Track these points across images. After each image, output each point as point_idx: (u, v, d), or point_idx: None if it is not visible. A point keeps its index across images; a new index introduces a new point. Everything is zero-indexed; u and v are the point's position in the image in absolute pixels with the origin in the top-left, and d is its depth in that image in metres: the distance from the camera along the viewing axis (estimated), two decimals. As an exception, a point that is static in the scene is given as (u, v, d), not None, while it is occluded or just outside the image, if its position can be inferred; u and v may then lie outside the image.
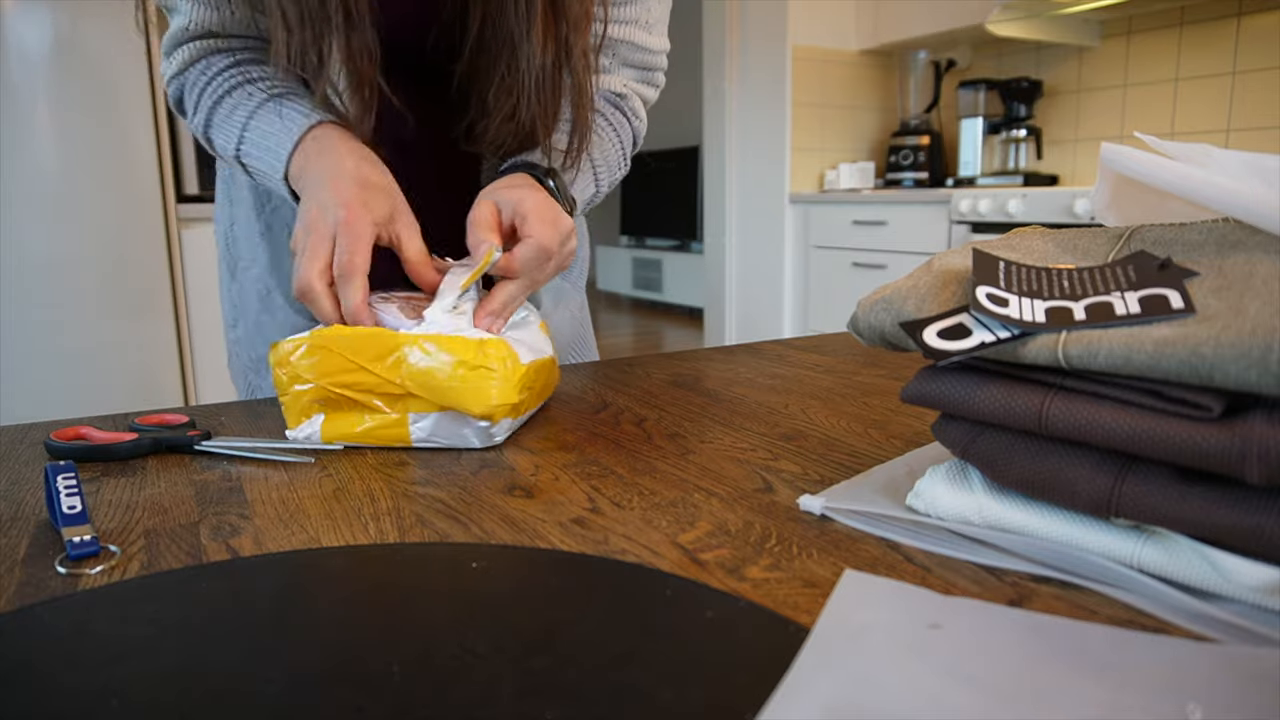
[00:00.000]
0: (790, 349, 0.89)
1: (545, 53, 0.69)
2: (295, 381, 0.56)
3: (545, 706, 0.27)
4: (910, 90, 3.62)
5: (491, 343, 0.56)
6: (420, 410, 0.55)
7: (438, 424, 0.55)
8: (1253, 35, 2.60)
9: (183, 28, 0.71)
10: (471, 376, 0.54)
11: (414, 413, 0.55)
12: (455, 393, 0.54)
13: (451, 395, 0.54)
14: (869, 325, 0.43)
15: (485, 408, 0.54)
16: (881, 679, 0.28)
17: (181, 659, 0.30)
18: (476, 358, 0.54)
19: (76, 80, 2.55)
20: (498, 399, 0.54)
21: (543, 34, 0.68)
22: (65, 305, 2.60)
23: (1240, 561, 0.32)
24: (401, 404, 0.55)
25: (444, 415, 0.55)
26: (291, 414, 0.57)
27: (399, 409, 0.55)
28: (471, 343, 0.55)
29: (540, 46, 0.69)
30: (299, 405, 0.56)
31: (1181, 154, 0.40)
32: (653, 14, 0.80)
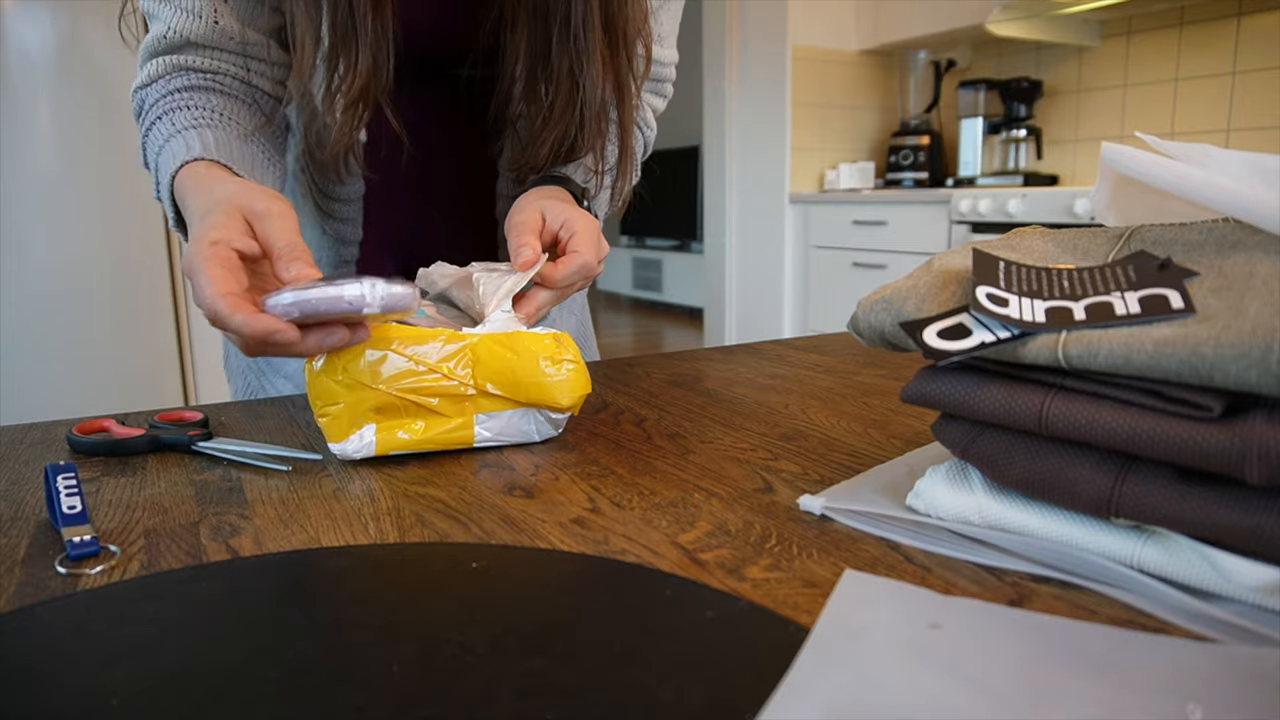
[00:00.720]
0: (790, 349, 0.89)
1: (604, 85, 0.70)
2: (353, 389, 0.52)
3: (545, 706, 0.27)
4: (910, 90, 3.62)
5: (561, 336, 0.56)
6: (489, 410, 0.55)
7: (507, 423, 0.55)
8: (1253, 35, 2.60)
9: (159, 35, 0.68)
10: (555, 370, 0.55)
11: (482, 413, 0.54)
12: (540, 388, 0.54)
13: (535, 391, 0.54)
14: (869, 325, 0.43)
15: (572, 399, 0.55)
16: (881, 679, 0.28)
17: (181, 659, 0.30)
18: (556, 351, 0.55)
19: (76, 80, 2.55)
20: (579, 389, 0.55)
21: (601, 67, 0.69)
22: (65, 305, 2.60)
23: (1240, 561, 0.32)
24: (468, 405, 0.54)
25: (514, 413, 0.55)
26: (340, 425, 0.52)
27: (465, 411, 0.54)
28: (545, 337, 0.56)
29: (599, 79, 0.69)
30: (353, 415, 0.52)
31: (1182, 154, 0.40)
32: (664, 27, 0.80)
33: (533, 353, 0.54)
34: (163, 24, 0.69)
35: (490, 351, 0.54)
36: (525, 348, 0.55)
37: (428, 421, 0.54)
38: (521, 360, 0.54)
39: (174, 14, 0.68)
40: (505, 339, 0.55)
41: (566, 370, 0.55)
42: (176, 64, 0.69)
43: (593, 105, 0.70)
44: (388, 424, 0.53)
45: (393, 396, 0.52)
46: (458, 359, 0.53)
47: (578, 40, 0.68)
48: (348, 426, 0.52)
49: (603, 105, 0.71)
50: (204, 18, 0.68)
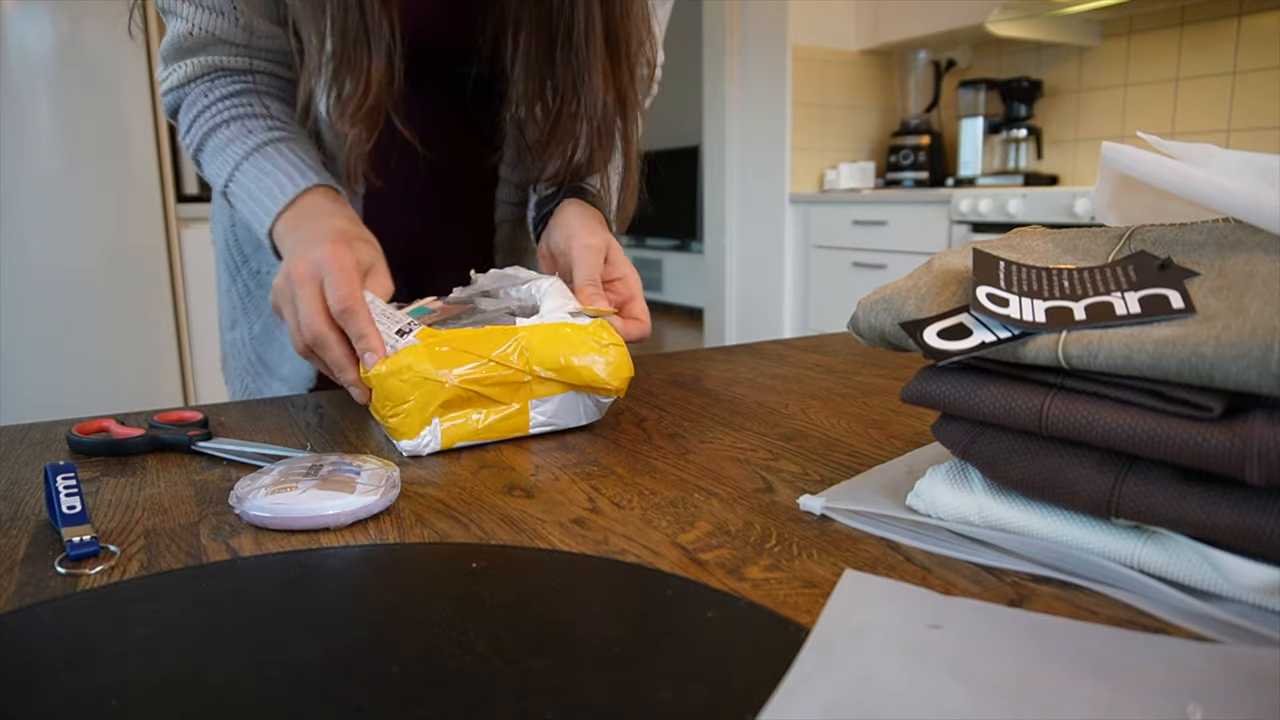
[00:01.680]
0: (790, 349, 0.89)
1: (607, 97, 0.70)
2: (420, 386, 0.54)
3: (545, 706, 0.27)
4: (910, 90, 3.62)
5: (602, 323, 0.60)
6: (543, 395, 0.58)
7: (560, 406, 0.58)
8: (1253, 35, 2.59)
9: (184, 33, 0.69)
10: (601, 351, 0.58)
11: (535, 399, 0.58)
12: (589, 371, 0.57)
13: (586, 374, 0.57)
14: (869, 325, 0.43)
15: (620, 380, 0.59)
16: (881, 679, 0.28)
17: (181, 659, 0.30)
18: (601, 337, 0.59)
19: (76, 80, 2.55)
20: (624, 371, 0.59)
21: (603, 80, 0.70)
22: (65, 305, 2.61)
23: (1240, 561, 0.32)
24: (523, 391, 0.57)
25: (565, 396, 0.58)
26: (411, 422, 0.54)
27: (519, 397, 0.57)
28: (589, 325, 0.59)
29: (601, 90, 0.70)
30: (425, 411, 0.54)
31: (1183, 154, 0.40)
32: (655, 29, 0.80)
33: (579, 338, 0.58)
34: (186, 22, 0.69)
35: (541, 339, 0.57)
36: (574, 334, 0.58)
37: (487, 410, 0.57)
38: (569, 346, 0.57)
39: (197, 11, 0.68)
40: (553, 328, 0.58)
41: (613, 354, 0.59)
42: (211, 65, 0.70)
43: (595, 117, 0.70)
44: (451, 416, 0.56)
45: (457, 389, 0.55)
46: (513, 348, 0.57)
47: (579, 52, 0.68)
48: (419, 424, 0.55)
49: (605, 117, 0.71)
50: (227, 15, 0.69)
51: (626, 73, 0.71)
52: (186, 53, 0.70)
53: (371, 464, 0.48)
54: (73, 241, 2.59)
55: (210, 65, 0.71)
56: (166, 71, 0.72)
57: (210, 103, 0.70)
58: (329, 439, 0.59)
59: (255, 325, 0.88)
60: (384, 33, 0.64)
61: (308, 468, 0.47)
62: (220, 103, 0.70)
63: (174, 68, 0.71)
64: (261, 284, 0.86)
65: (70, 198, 2.58)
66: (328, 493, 0.44)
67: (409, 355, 0.55)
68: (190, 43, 0.70)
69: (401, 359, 0.54)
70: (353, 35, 0.64)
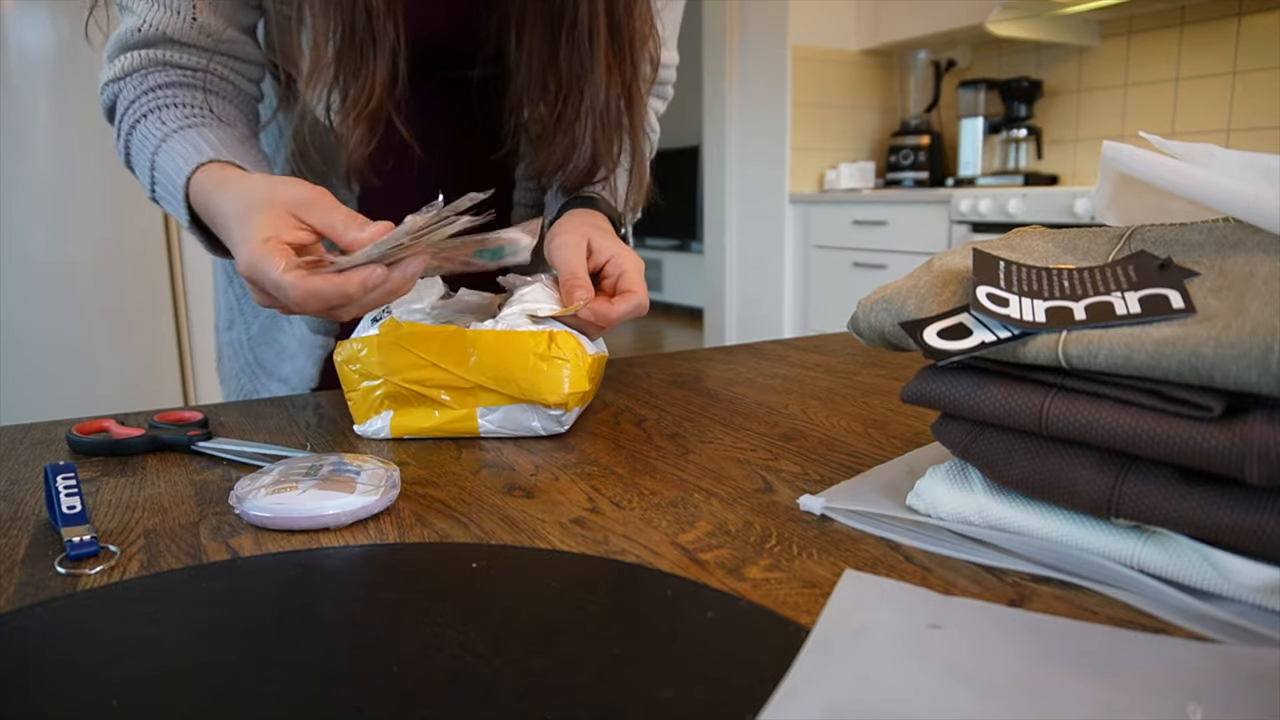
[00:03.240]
0: (790, 349, 0.89)
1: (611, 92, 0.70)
2: (365, 378, 0.57)
3: (545, 706, 0.27)
4: (910, 90, 3.62)
5: (560, 334, 0.58)
6: (490, 404, 0.57)
7: (506, 416, 0.58)
8: (1253, 35, 2.59)
9: (133, 29, 0.65)
10: (545, 367, 0.56)
11: (483, 406, 0.57)
12: (530, 384, 0.56)
13: (526, 386, 0.56)
14: (869, 325, 0.43)
15: (560, 396, 0.56)
16: (881, 679, 0.28)
17: (181, 659, 0.30)
18: (549, 349, 0.57)
19: (76, 80, 2.55)
20: (571, 387, 0.57)
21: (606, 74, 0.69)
22: (65, 305, 2.60)
23: (1240, 561, 0.32)
24: (470, 398, 0.57)
25: (513, 408, 0.57)
26: (359, 409, 0.58)
27: (467, 403, 0.57)
28: (542, 335, 0.57)
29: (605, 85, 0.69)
30: (367, 401, 0.58)
31: (1185, 153, 0.40)
32: (666, 29, 0.80)
33: (526, 349, 0.56)
34: (137, 18, 0.65)
35: (488, 347, 0.57)
36: (520, 344, 0.57)
37: (439, 410, 0.58)
38: (513, 356, 0.56)
39: (150, 8, 0.65)
40: (503, 336, 0.57)
41: (562, 369, 0.56)
42: (153, 59, 0.66)
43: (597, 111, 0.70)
44: (402, 411, 0.58)
45: (400, 387, 0.57)
46: (457, 354, 0.57)
47: (581, 47, 0.68)
48: (366, 410, 0.58)
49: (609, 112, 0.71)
50: (182, 14, 0.65)
51: (630, 67, 0.71)
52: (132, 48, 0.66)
53: (371, 464, 0.48)
54: (72, 241, 2.59)
55: (153, 59, 0.66)
56: (108, 67, 0.67)
57: (136, 96, 0.65)
58: (329, 439, 0.59)
59: (253, 326, 0.87)
60: (389, 36, 0.64)
61: (308, 468, 0.47)
62: (145, 95, 0.64)
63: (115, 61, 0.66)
64: None
65: (70, 198, 2.58)
66: (328, 493, 0.44)
67: (361, 346, 0.57)
68: (137, 39, 0.66)
69: (354, 347, 0.57)
70: (358, 38, 0.63)
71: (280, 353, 0.85)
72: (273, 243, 0.51)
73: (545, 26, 0.69)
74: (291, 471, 0.47)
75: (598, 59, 0.68)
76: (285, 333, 0.85)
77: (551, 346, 0.57)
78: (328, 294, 0.50)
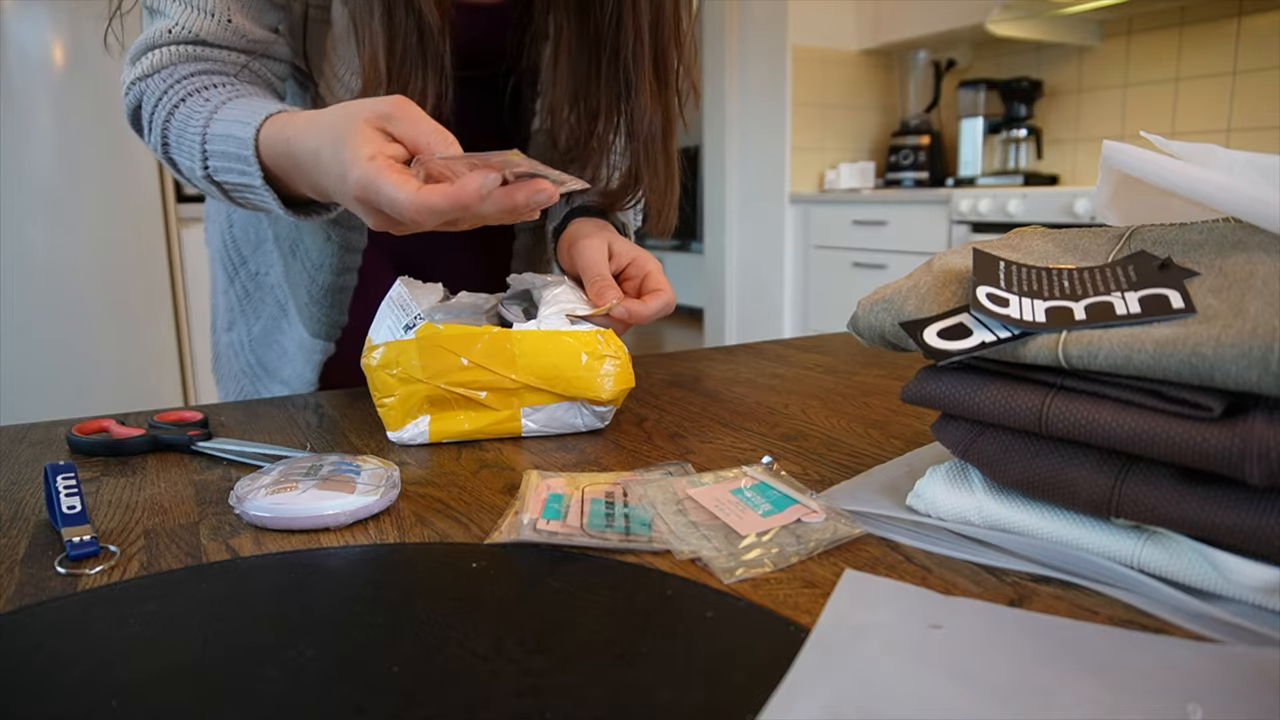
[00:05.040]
0: (790, 349, 0.89)
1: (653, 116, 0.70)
2: (405, 383, 0.56)
3: (545, 706, 0.27)
4: (910, 90, 3.62)
5: (607, 333, 0.59)
6: (535, 403, 0.57)
7: (551, 415, 0.58)
8: (1253, 35, 2.59)
9: (163, 30, 0.64)
10: (597, 365, 0.57)
11: (527, 406, 0.57)
12: (582, 382, 0.57)
13: (577, 385, 0.57)
14: (869, 325, 0.43)
15: (611, 393, 0.57)
16: (881, 679, 0.28)
17: (181, 659, 0.30)
18: (599, 348, 0.58)
19: (76, 81, 2.55)
20: (620, 384, 0.57)
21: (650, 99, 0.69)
22: (65, 305, 2.60)
23: (1240, 561, 0.32)
24: (513, 399, 0.57)
25: (558, 406, 0.58)
26: (396, 415, 0.56)
27: (510, 404, 0.57)
28: (590, 334, 0.58)
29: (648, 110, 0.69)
30: (407, 406, 0.56)
31: (1186, 153, 0.40)
32: None
33: (574, 348, 0.57)
34: (169, 20, 0.64)
35: (533, 347, 0.57)
36: (567, 343, 0.57)
37: (477, 413, 0.57)
38: (563, 356, 0.57)
39: (184, 10, 0.64)
40: (549, 335, 0.57)
41: (609, 366, 0.58)
42: (185, 54, 0.65)
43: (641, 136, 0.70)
44: (441, 415, 0.57)
45: (442, 391, 0.56)
46: (502, 355, 0.56)
47: (626, 71, 0.68)
48: (403, 416, 0.57)
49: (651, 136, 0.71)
50: (216, 16, 0.64)
51: (673, 92, 0.71)
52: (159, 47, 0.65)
53: (371, 464, 0.48)
54: (73, 242, 2.59)
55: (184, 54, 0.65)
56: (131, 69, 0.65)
57: (168, 86, 0.63)
58: (329, 439, 0.59)
59: (254, 327, 0.87)
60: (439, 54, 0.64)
61: (308, 468, 0.47)
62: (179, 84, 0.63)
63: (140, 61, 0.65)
64: (260, 285, 0.86)
65: (70, 198, 2.58)
66: (328, 493, 0.44)
67: (399, 349, 0.56)
68: (167, 39, 0.65)
69: (391, 352, 0.56)
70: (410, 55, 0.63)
71: (282, 355, 0.85)
72: (379, 159, 0.49)
73: (583, 44, 0.70)
74: (291, 471, 0.47)
75: (642, 84, 0.69)
76: (287, 335, 0.84)
77: (602, 345, 0.58)
78: (444, 208, 0.48)
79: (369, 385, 0.58)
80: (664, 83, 0.70)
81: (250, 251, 0.85)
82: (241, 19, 0.66)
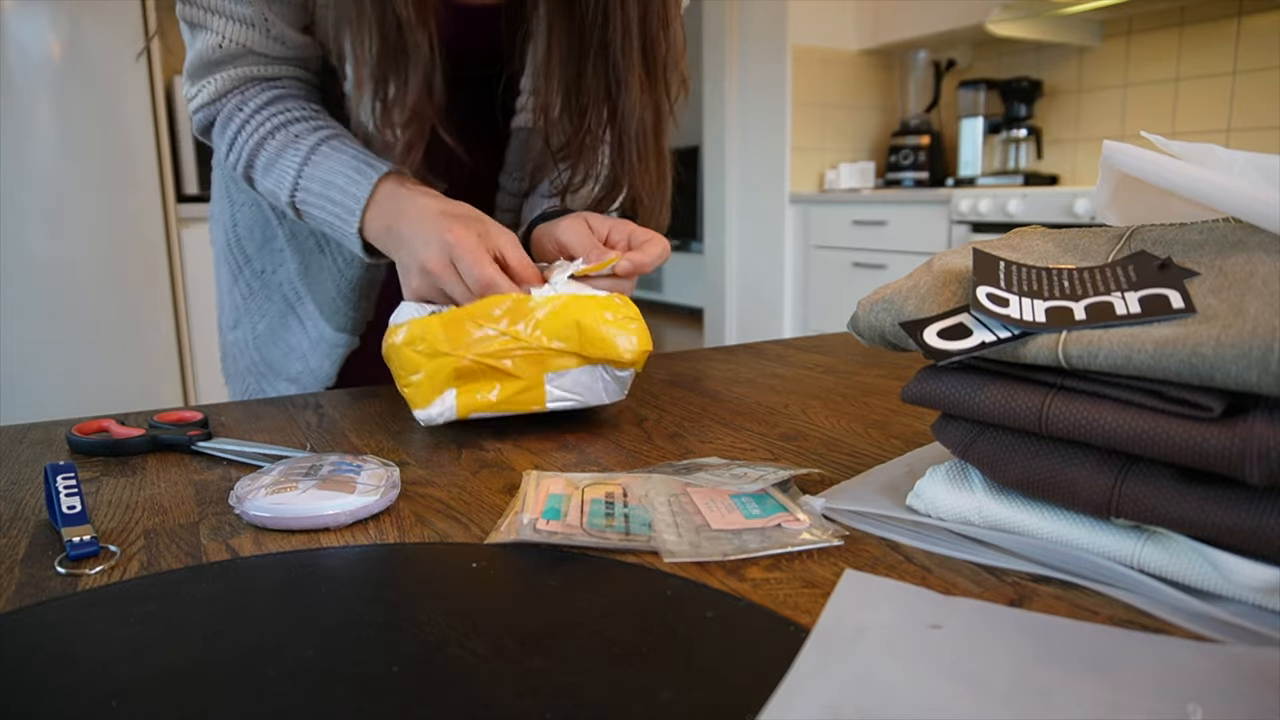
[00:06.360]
0: (790, 349, 0.89)
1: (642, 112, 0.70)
2: (432, 357, 0.56)
3: (545, 706, 0.27)
4: (910, 90, 3.62)
5: (624, 298, 0.60)
6: (559, 368, 0.57)
7: (575, 380, 0.58)
8: (1253, 35, 2.59)
9: (213, 46, 0.68)
10: (619, 323, 0.57)
11: (551, 372, 0.57)
12: (605, 341, 0.57)
13: (600, 344, 0.57)
14: (869, 325, 0.43)
15: (634, 353, 0.58)
16: (881, 679, 0.28)
17: (181, 659, 0.30)
18: (619, 309, 0.58)
19: (76, 80, 2.55)
20: (642, 344, 0.58)
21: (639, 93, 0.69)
22: (65, 305, 2.60)
23: (1240, 561, 0.32)
24: (537, 364, 0.57)
25: (581, 371, 0.58)
26: (423, 393, 0.56)
27: (534, 372, 0.57)
28: (605, 298, 0.58)
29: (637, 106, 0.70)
30: (434, 382, 0.56)
31: (1186, 153, 0.40)
32: None
33: (597, 308, 0.58)
34: (215, 34, 0.68)
35: (556, 309, 0.57)
36: (589, 304, 0.58)
37: (503, 384, 0.57)
38: (585, 315, 0.57)
39: (227, 24, 0.67)
40: (570, 299, 0.58)
41: (631, 326, 0.58)
42: (242, 76, 0.69)
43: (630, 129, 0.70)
44: (467, 389, 0.57)
45: (470, 362, 0.56)
46: (526, 319, 0.57)
47: (614, 65, 0.68)
48: (429, 393, 0.56)
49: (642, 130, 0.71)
50: (258, 26, 0.68)
51: (663, 86, 0.71)
52: (215, 66, 0.69)
53: (371, 464, 0.48)
54: (73, 241, 2.59)
55: (242, 77, 0.70)
56: (195, 88, 0.71)
57: (249, 115, 0.69)
58: (329, 439, 0.59)
59: (259, 325, 0.87)
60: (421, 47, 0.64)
61: (308, 468, 0.47)
62: (260, 113, 0.69)
63: (203, 83, 0.70)
64: (265, 284, 0.86)
65: (70, 198, 2.58)
66: (328, 493, 0.44)
67: (423, 326, 0.56)
68: (219, 55, 0.68)
69: (415, 329, 0.56)
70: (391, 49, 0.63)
71: (289, 352, 0.85)
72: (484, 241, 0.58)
73: (574, 42, 0.69)
74: (291, 471, 0.47)
75: (630, 78, 0.69)
76: (295, 332, 0.85)
77: (621, 306, 0.58)
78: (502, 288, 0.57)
79: (392, 368, 0.58)
80: (653, 76, 0.70)
81: (255, 250, 0.86)
82: (280, 25, 0.69)
